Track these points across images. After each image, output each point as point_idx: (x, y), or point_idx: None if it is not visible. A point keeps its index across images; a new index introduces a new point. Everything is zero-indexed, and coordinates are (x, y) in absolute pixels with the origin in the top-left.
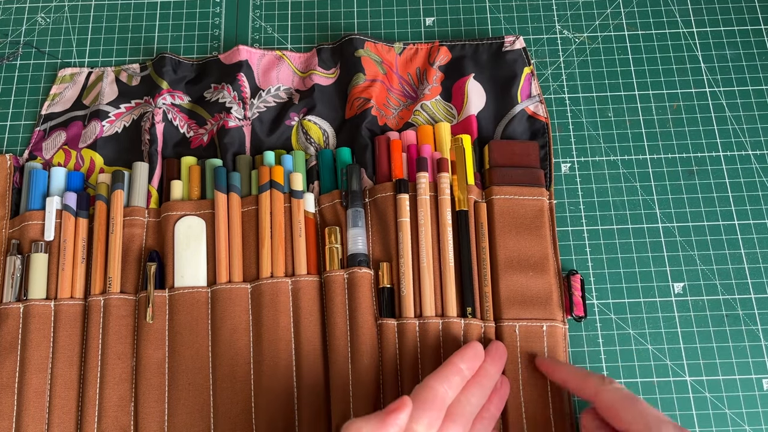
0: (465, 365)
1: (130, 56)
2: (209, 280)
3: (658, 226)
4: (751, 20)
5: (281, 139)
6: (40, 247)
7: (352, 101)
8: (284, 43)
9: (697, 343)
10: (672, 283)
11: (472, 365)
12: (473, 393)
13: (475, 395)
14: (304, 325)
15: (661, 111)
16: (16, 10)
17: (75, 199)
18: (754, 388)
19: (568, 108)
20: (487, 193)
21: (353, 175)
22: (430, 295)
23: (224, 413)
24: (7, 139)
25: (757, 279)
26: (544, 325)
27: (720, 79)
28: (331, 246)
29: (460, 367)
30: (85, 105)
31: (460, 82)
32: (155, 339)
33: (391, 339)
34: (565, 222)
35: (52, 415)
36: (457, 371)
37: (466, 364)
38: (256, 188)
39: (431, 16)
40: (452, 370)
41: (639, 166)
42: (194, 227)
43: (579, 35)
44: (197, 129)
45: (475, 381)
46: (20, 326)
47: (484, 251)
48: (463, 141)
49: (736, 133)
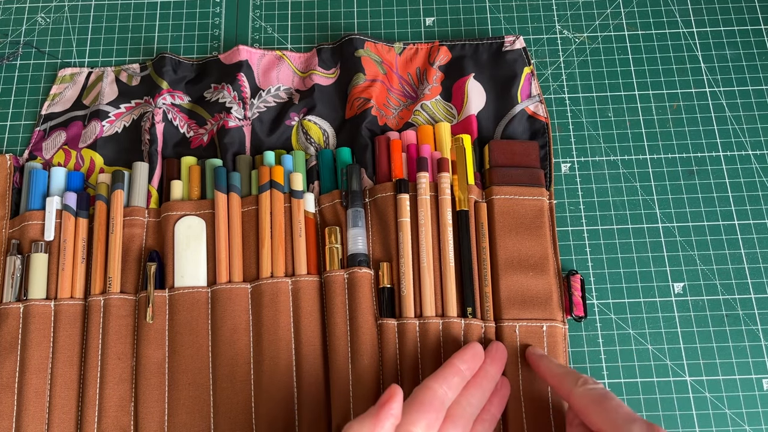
0: (465, 366)
1: (130, 56)
2: (209, 280)
3: (658, 226)
4: (751, 20)
5: (281, 139)
6: (40, 247)
7: (352, 101)
8: (284, 43)
9: (697, 343)
10: (672, 283)
11: (471, 366)
12: (473, 394)
13: (475, 396)
14: (304, 325)
15: (661, 111)
16: (16, 10)
17: (75, 199)
18: (754, 388)
19: (568, 108)
20: (488, 193)
21: (353, 175)
22: (430, 295)
23: (224, 413)
24: (7, 139)
25: (757, 279)
26: (544, 325)
27: (720, 79)
28: (331, 246)
29: (460, 368)
30: (85, 105)
31: (460, 82)
32: (155, 339)
33: (392, 339)
34: (565, 222)
35: (52, 415)
36: (456, 372)
37: (466, 365)
38: (256, 188)
39: (431, 16)
40: (452, 371)
41: (639, 166)
42: (194, 227)
43: (579, 35)
44: (197, 129)
45: (475, 382)
46: (20, 326)
47: (484, 251)
48: (463, 141)
49: (736, 133)
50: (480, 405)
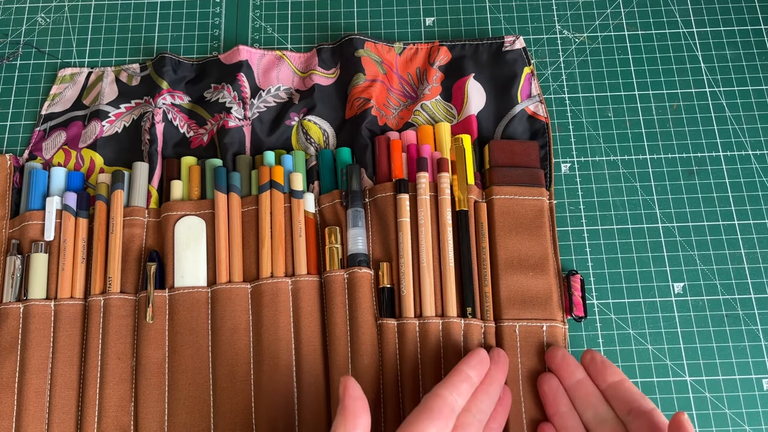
0: (473, 372)
1: (130, 56)
2: (209, 280)
3: (658, 226)
4: (751, 20)
5: (281, 139)
6: (40, 247)
7: (352, 101)
8: (284, 43)
9: (697, 343)
10: (672, 283)
11: (479, 372)
12: (482, 400)
13: (485, 402)
14: (304, 325)
15: (661, 111)
16: (16, 10)
17: (75, 199)
18: (754, 388)
19: (568, 108)
20: (487, 193)
21: (353, 175)
22: (430, 295)
23: (224, 413)
24: (7, 139)
25: (757, 279)
26: (544, 325)
27: (720, 79)
28: (331, 246)
29: (468, 375)
30: (85, 105)
31: (460, 82)
32: (155, 339)
33: (391, 339)
34: (565, 222)
35: (52, 415)
36: (465, 378)
37: (474, 371)
38: (256, 188)
39: (431, 16)
40: (460, 377)
41: (639, 166)
42: (194, 227)
43: (579, 35)
44: (197, 129)
45: (483, 388)
46: (20, 326)
47: (484, 251)
48: (463, 141)
49: (736, 133)
50: (489, 411)
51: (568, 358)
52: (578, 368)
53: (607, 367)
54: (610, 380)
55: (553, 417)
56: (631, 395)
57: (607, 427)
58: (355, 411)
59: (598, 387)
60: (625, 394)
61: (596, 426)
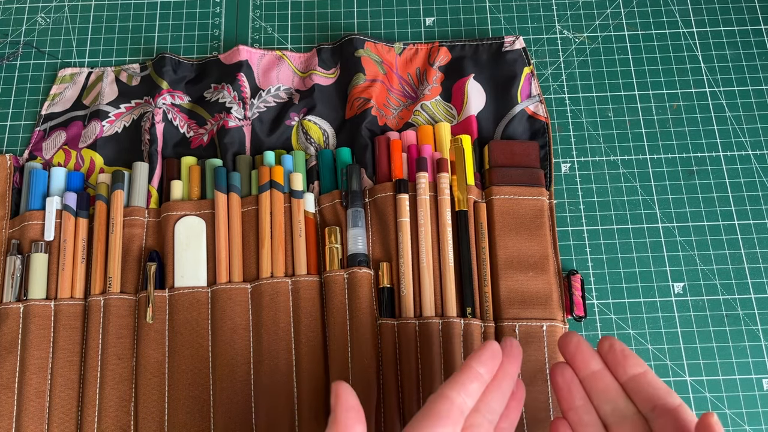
0: (483, 369)
1: (130, 56)
2: (209, 280)
3: (658, 226)
4: (751, 20)
5: (281, 139)
6: (40, 247)
7: (352, 101)
8: (284, 43)
9: (697, 343)
10: (672, 283)
11: (491, 368)
12: (494, 398)
13: (496, 400)
14: (304, 325)
15: (661, 111)
16: (16, 10)
17: (75, 199)
18: (754, 388)
19: (568, 108)
20: (487, 193)
21: (353, 175)
22: (430, 295)
23: (224, 413)
24: (7, 139)
25: (757, 279)
26: (544, 325)
27: (720, 79)
28: (331, 246)
29: (479, 372)
30: (85, 105)
31: (460, 83)
32: (155, 339)
33: (391, 339)
34: (565, 222)
35: (52, 415)
36: (475, 377)
37: (485, 368)
38: (256, 188)
39: (431, 16)
40: (469, 376)
41: (639, 166)
42: (194, 227)
43: (579, 35)
44: (197, 129)
45: (494, 385)
46: (20, 326)
47: (483, 251)
48: (462, 141)
49: (736, 133)
50: (500, 410)
51: (584, 345)
52: (594, 357)
53: (627, 356)
54: (632, 372)
55: (568, 412)
56: (655, 390)
57: (627, 423)
58: (347, 424)
59: (618, 379)
60: (648, 388)
61: (615, 422)
